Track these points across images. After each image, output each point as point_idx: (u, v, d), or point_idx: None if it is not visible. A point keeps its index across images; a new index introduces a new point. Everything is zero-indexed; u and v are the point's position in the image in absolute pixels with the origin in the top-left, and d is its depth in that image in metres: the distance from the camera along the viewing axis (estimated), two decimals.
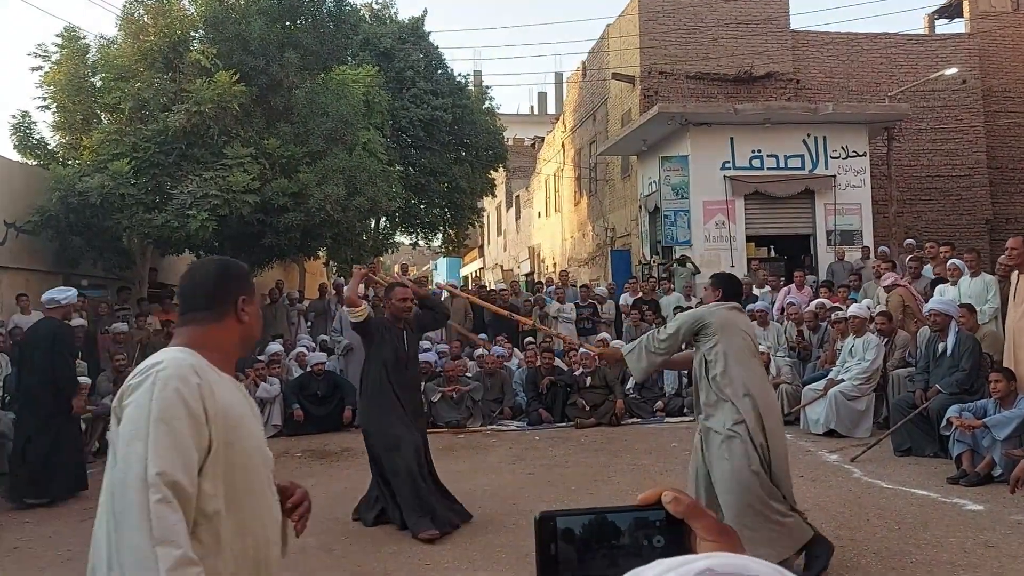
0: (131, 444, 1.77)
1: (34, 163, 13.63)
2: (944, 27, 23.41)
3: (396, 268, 30.36)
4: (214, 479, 1.86)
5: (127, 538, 1.70)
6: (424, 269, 41.50)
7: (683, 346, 4.97)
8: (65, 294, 7.71)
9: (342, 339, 11.39)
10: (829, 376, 9.37)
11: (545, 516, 0.73)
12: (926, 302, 9.40)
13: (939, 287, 10.03)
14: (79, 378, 9.32)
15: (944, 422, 7.00)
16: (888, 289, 10.20)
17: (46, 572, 5.29)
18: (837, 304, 11.35)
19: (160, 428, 1.77)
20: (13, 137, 13.66)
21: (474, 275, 38.54)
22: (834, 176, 16.20)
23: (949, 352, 7.72)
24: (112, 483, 1.78)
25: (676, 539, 0.72)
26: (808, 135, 16.24)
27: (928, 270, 11.29)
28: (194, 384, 1.85)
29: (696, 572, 0.55)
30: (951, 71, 18.48)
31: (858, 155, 16.38)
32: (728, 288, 4.96)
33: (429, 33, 21.55)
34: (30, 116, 13.85)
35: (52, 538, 6.12)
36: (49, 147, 13.91)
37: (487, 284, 22.46)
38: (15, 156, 13.60)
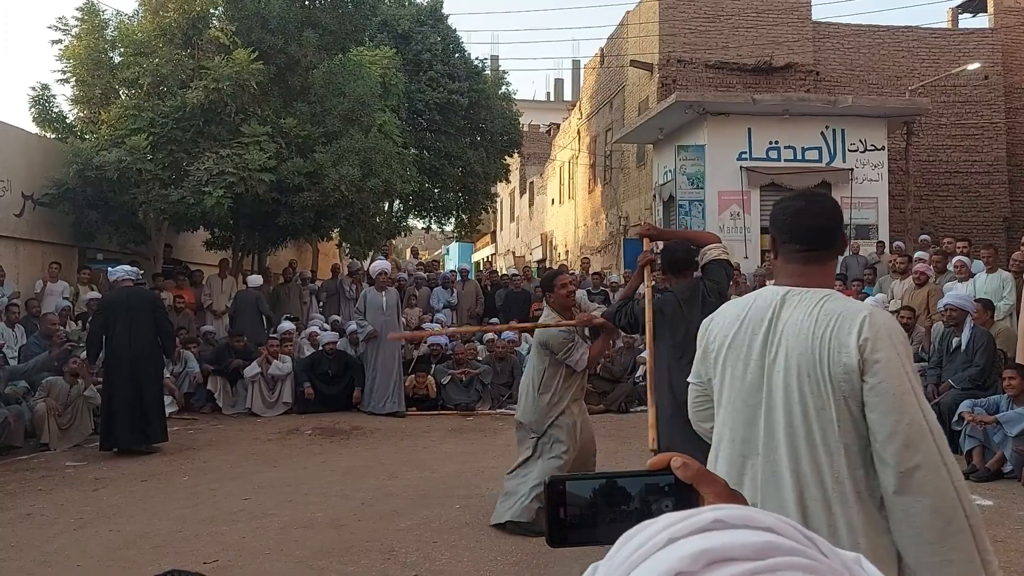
0: (905, 397, 1.80)
1: (52, 136, 13.68)
2: (967, 21, 23.17)
3: (408, 252, 30.39)
4: None
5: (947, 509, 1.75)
6: (436, 253, 41.52)
7: None
8: (134, 269, 9.02)
9: (366, 324, 10.82)
10: None
11: (555, 480, 0.74)
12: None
13: (948, 283, 9.97)
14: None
15: (956, 417, 6.97)
16: (919, 283, 10.07)
17: (58, 539, 5.34)
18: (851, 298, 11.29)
19: (916, 378, 1.86)
20: (32, 110, 13.70)
21: (486, 260, 38.54)
22: (851, 169, 16.09)
23: (963, 347, 7.68)
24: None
25: (685, 504, 0.72)
26: (826, 127, 16.13)
27: (951, 265, 11.20)
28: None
29: (706, 522, 0.55)
30: (973, 66, 18.29)
31: (876, 149, 16.26)
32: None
33: (447, 16, 21.46)
34: (49, 89, 13.91)
35: (64, 506, 6.19)
36: (68, 121, 13.95)
37: (499, 270, 22.46)
38: (34, 129, 13.66)
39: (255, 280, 12.99)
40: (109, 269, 8.90)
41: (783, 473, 1.87)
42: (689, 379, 2.23)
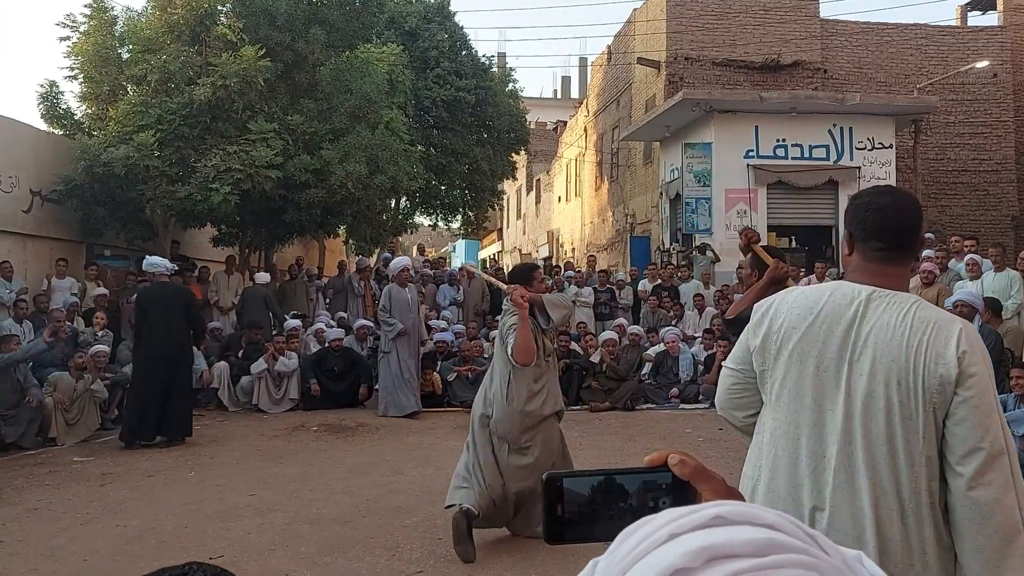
0: (992, 415, 1.78)
1: (60, 133, 13.73)
2: (976, 19, 23.06)
3: (414, 249, 30.35)
4: None
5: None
6: (442, 251, 41.55)
7: None
8: (169, 263, 9.16)
9: (395, 322, 10.16)
10: None
11: (552, 477, 0.74)
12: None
13: (958, 283, 9.94)
14: (98, 346, 9.53)
15: None
16: (927, 282, 10.03)
17: (65, 533, 5.37)
18: None
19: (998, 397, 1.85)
20: (40, 106, 13.76)
21: (492, 258, 38.56)
22: (859, 168, 16.05)
23: None
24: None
25: (683, 501, 0.72)
26: (834, 125, 16.09)
27: (955, 264, 11.17)
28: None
29: (707, 518, 0.55)
30: (982, 64, 18.22)
31: (884, 147, 16.22)
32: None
33: (454, 13, 21.45)
34: (57, 86, 13.95)
35: (71, 501, 6.22)
36: (75, 117, 14.01)
37: (504, 268, 22.45)
38: (42, 125, 13.71)
39: (263, 277, 13.02)
40: (147, 259, 9.03)
41: (860, 481, 1.83)
42: (726, 364, 2.15)
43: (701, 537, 0.53)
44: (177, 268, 10.46)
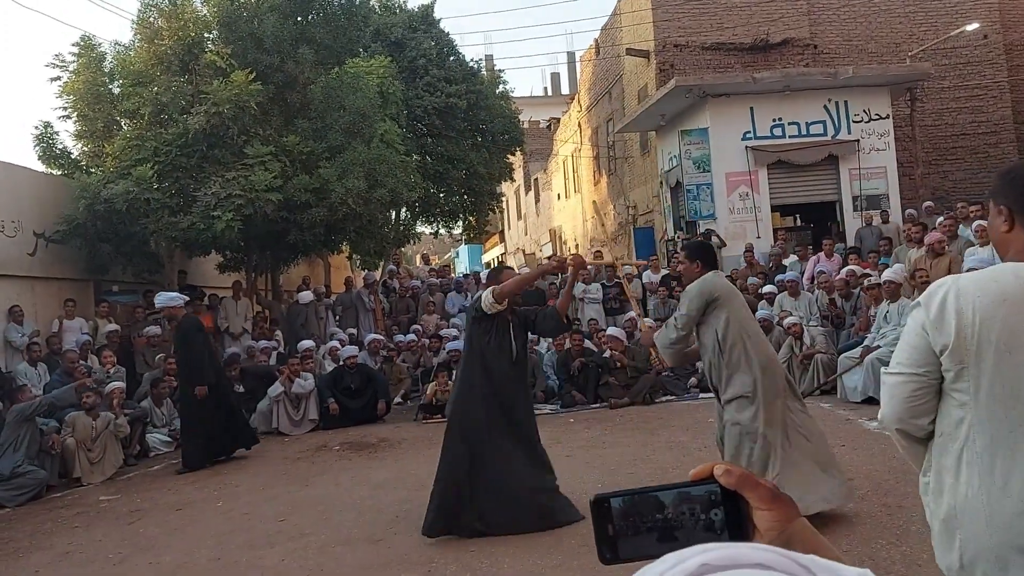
0: None
1: (59, 173, 13.75)
2: None
3: (418, 258, 30.21)
4: None
5: None
6: (446, 257, 41.54)
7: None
8: (179, 296, 9.61)
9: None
10: (865, 343, 9.27)
11: (600, 498, 0.74)
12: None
13: (969, 249, 9.87)
14: (115, 383, 9.54)
15: None
16: (937, 252, 9.96)
17: (99, 575, 5.36)
18: (868, 270, 11.23)
19: None
20: (37, 148, 13.78)
21: (498, 260, 38.52)
22: (857, 140, 15.99)
23: None
24: None
25: (733, 511, 0.72)
26: (829, 100, 16.04)
27: (963, 230, 11.10)
28: None
29: (692, 568, 0.55)
30: (972, 27, 18.13)
31: (881, 118, 16.15)
32: (706, 257, 5.08)
33: (439, 20, 21.44)
34: (52, 126, 13.98)
35: (102, 541, 6.22)
36: (72, 156, 14.02)
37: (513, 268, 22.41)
38: (40, 167, 13.73)
39: (306, 296, 13.08)
40: (158, 295, 9.75)
41: None
42: (898, 370, 1.96)
43: None
44: (188, 298, 10.53)
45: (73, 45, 13.57)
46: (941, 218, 11.87)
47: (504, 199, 33.31)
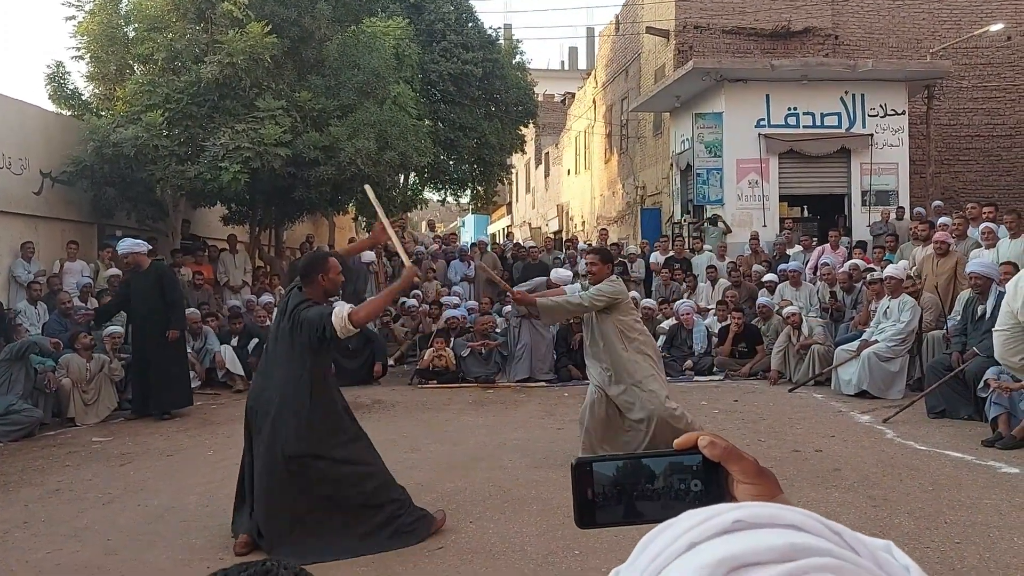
0: None
1: (69, 113, 13.69)
2: None
3: (424, 225, 30.20)
4: None
5: None
6: (452, 226, 41.48)
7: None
8: (143, 243, 9.40)
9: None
10: (863, 337, 9.28)
11: (581, 462, 0.74)
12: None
13: (974, 251, 9.86)
14: (113, 327, 9.57)
15: (982, 384, 6.91)
16: (940, 252, 9.94)
17: (87, 514, 5.41)
18: (871, 265, 11.21)
19: None
20: (48, 87, 13.71)
21: (506, 232, 38.47)
22: (871, 135, 15.89)
23: (988, 315, 7.59)
24: None
25: (712, 483, 0.72)
26: (846, 93, 15.91)
27: (972, 231, 11.05)
28: None
29: (727, 524, 0.54)
30: (996, 27, 17.93)
31: (896, 114, 16.03)
32: (613, 262, 6.47)
33: None
34: (64, 66, 13.89)
35: (92, 481, 6.27)
36: (83, 97, 13.96)
37: (517, 241, 22.40)
38: (50, 106, 13.67)
39: (368, 256, 12.91)
40: (123, 240, 9.41)
41: None
42: (996, 329, 3.06)
43: (721, 546, 0.52)
44: (152, 247, 10.51)
45: None
46: (946, 218, 11.83)
47: (514, 171, 33.19)
